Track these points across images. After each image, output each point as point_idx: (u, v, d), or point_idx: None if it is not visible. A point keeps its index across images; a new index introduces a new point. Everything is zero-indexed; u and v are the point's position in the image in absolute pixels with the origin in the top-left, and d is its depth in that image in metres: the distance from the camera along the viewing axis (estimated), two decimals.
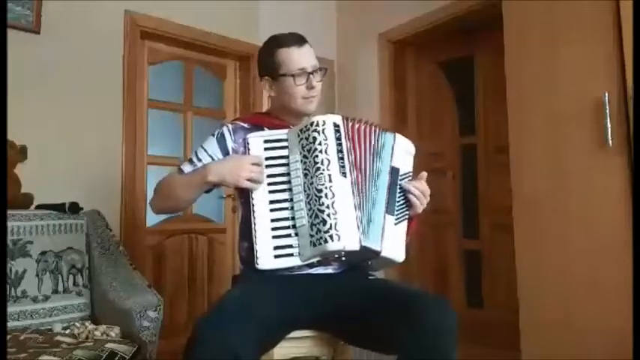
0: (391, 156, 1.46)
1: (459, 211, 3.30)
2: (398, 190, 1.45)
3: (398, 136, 1.50)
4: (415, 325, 1.19)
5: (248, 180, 1.38)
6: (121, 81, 2.82)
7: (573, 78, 2.01)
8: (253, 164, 1.39)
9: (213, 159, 1.51)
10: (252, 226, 1.37)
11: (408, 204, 1.46)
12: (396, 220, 1.42)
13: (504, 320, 2.62)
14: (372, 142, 1.44)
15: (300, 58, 1.52)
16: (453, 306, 1.27)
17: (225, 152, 1.52)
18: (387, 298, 1.31)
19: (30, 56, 2.51)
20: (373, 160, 1.42)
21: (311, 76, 1.52)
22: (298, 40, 1.54)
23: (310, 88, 1.52)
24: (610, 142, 1.87)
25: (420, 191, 1.46)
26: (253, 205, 1.39)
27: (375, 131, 1.45)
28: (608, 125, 1.87)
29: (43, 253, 2.13)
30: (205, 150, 1.53)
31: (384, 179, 1.43)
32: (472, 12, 2.95)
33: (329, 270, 1.44)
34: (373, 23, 3.47)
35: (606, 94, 1.88)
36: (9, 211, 2.07)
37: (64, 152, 2.59)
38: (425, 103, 3.49)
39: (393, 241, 1.40)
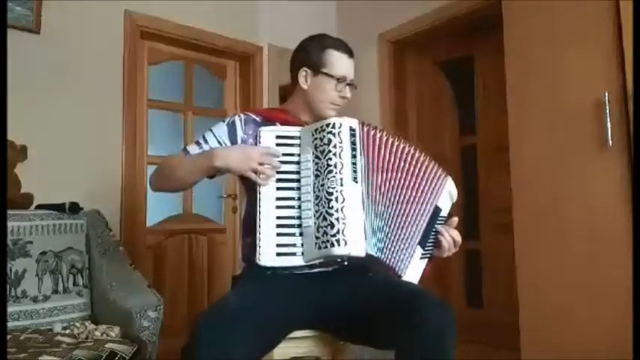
0: (438, 195, 1.46)
1: (459, 211, 3.29)
2: (434, 229, 1.46)
3: (449, 179, 1.51)
4: (415, 326, 1.19)
5: (254, 171, 1.36)
6: (121, 81, 2.83)
7: (573, 78, 2.01)
8: (263, 155, 1.37)
9: (220, 143, 1.50)
10: (257, 221, 1.35)
11: (436, 244, 1.48)
12: (422, 254, 1.44)
13: (504, 320, 2.62)
14: (414, 164, 1.43)
15: (346, 67, 1.58)
16: (453, 306, 1.28)
17: (234, 141, 1.51)
18: (388, 298, 1.30)
19: (30, 56, 2.51)
20: (412, 183, 1.42)
21: (347, 87, 1.58)
22: (349, 50, 1.61)
23: (343, 97, 1.57)
24: (610, 142, 1.87)
25: (453, 239, 1.49)
26: (260, 199, 1.37)
27: (428, 165, 1.46)
28: (608, 125, 1.87)
29: (43, 253, 2.13)
30: (213, 133, 1.52)
31: (427, 213, 1.44)
32: (472, 12, 2.95)
33: (329, 269, 1.43)
34: (373, 23, 3.47)
35: (606, 94, 1.88)
36: (9, 211, 2.07)
37: (64, 152, 2.59)
38: (425, 103, 3.49)
39: (412, 272, 1.42)
